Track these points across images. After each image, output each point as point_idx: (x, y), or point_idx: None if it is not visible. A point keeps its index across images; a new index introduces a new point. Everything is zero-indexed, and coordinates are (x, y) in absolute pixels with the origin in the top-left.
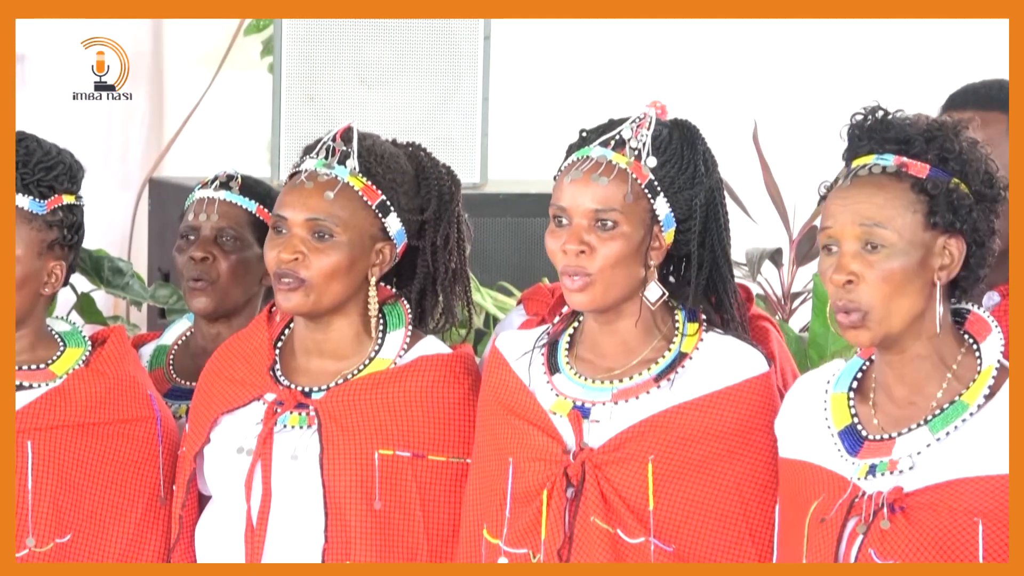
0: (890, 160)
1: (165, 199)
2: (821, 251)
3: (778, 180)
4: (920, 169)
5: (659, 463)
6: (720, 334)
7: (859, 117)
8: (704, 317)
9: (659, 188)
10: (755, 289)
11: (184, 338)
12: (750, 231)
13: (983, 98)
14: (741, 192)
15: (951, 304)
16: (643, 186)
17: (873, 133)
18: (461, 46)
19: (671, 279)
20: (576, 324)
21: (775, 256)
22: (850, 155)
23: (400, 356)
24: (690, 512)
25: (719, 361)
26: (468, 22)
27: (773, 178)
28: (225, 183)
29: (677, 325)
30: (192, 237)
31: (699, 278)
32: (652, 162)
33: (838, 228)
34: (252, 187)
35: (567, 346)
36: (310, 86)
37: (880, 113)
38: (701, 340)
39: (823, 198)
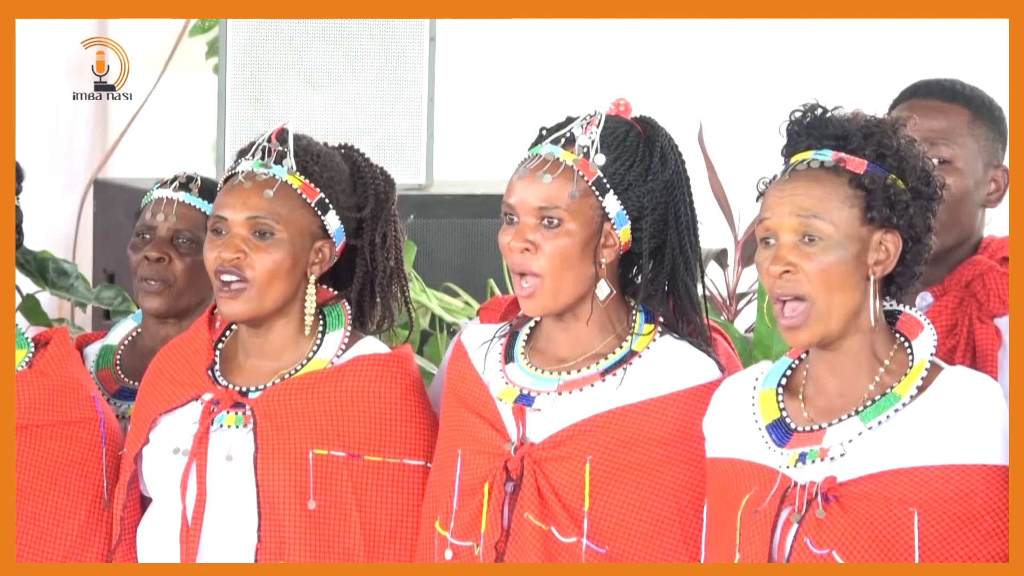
0: (828, 155)
1: (110, 200)
2: (759, 244)
3: (723, 181)
4: (858, 165)
5: (597, 464)
6: (676, 338)
7: (798, 114)
8: (662, 319)
9: (608, 185)
10: (699, 290)
11: (131, 338)
12: None
13: (947, 91)
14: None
15: (884, 305)
16: (590, 183)
17: (812, 129)
18: (406, 47)
19: (637, 280)
20: (537, 318)
21: (720, 257)
22: (789, 151)
23: (337, 356)
24: (625, 515)
25: (668, 365)
26: (413, 23)
27: (718, 179)
28: (184, 184)
29: (633, 324)
30: (148, 236)
31: (655, 278)
32: (601, 159)
33: (776, 220)
34: (211, 190)
35: (526, 337)
36: (255, 87)
37: (819, 110)
38: (654, 341)
39: (761, 194)
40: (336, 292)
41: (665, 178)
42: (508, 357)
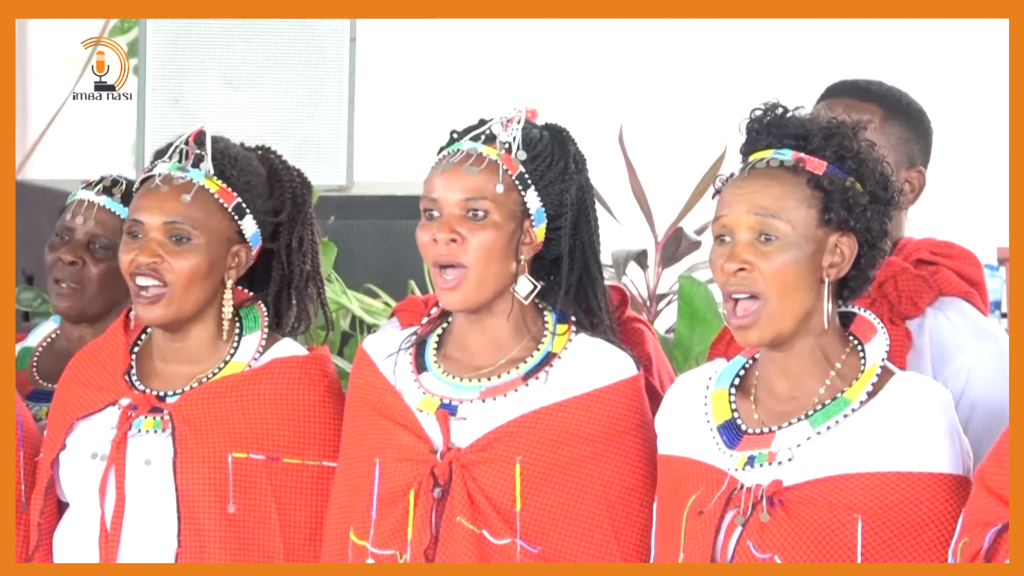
0: (788, 155)
1: (29, 201)
2: (714, 241)
3: (644, 182)
4: (817, 165)
5: (526, 464)
6: (590, 336)
7: (759, 112)
8: (574, 319)
9: (530, 181)
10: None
11: (49, 340)
12: (616, 233)
13: (861, 89)
14: (607, 194)
15: (839, 307)
16: (514, 178)
17: (772, 128)
18: (327, 48)
19: (542, 282)
20: (445, 324)
21: (640, 258)
22: (748, 149)
23: (255, 359)
24: (556, 514)
25: (588, 363)
26: (334, 23)
27: (639, 180)
28: (108, 188)
29: (546, 326)
30: (66, 238)
31: (569, 279)
32: (522, 155)
33: (732, 217)
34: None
35: (435, 345)
36: (175, 88)
37: (779, 109)
38: (570, 341)
39: (718, 191)
40: (252, 294)
41: (580, 180)
42: (420, 366)
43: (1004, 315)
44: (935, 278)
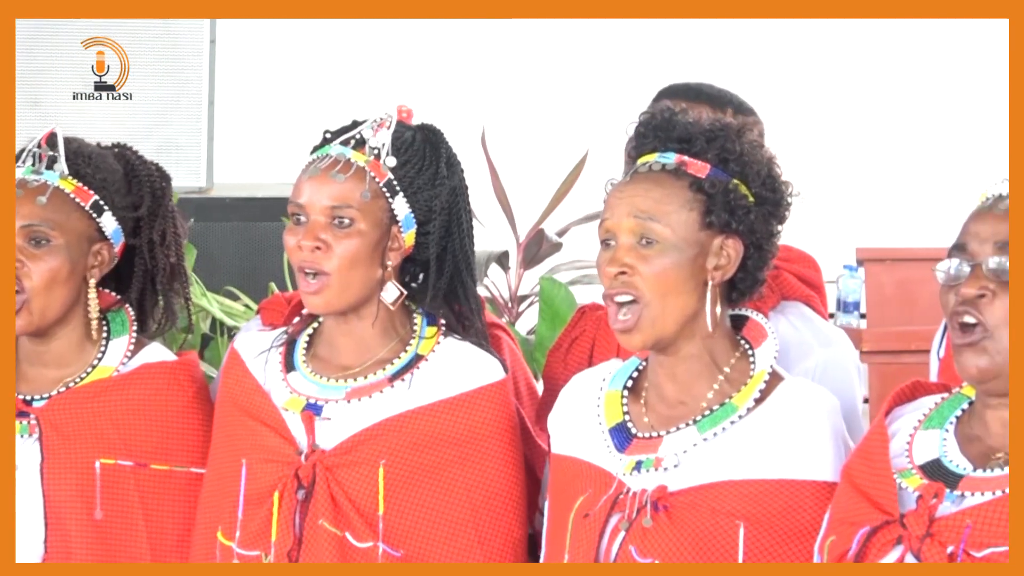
0: (671, 158)
1: None
2: (600, 245)
3: (505, 184)
4: (700, 168)
5: (390, 468)
6: (458, 340)
7: (646, 116)
8: (444, 322)
9: (398, 188)
10: (482, 292)
11: None
12: (477, 234)
13: (692, 91)
14: (469, 195)
15: (731, 309)
16: (381, 185)
17: (658, 131)
18: (186, 49)
19: (413, 285)
20: (316, 324)
21: (502, 259)
22: (635, 153)
23: (123, 364)
24: (420, 518)
25: (455, 366)
26: (193, 24)
27: (501, 182)
28: None
29: (415, 328)
30: None
31: (439, 282)
32: (392, 161)
33: (614, 221)
34: None
35: (305, 345)
36: (34, 91)
37: (667, 112)
38: (438, 344)
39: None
40: (119, 296)
41: (452, 184)
42: (289, 365)
43: (863, 316)
44: (777, 282)
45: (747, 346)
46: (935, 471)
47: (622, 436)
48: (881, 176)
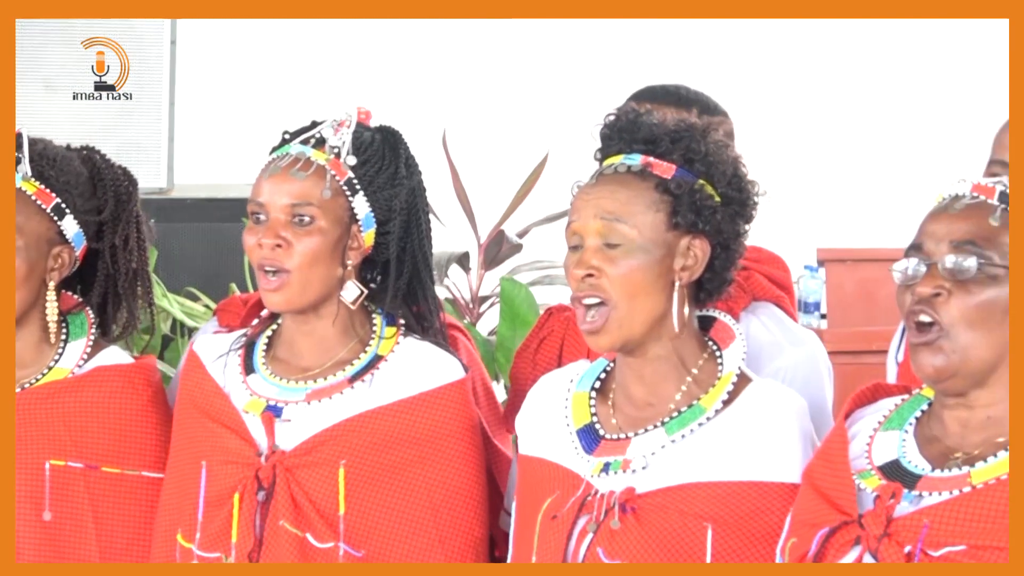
0: (637, 160)
1: None
2: (568, 247)
3: (466, 185)
4: (665, 169)
5: (350, 468)
6: (418, 339)
7: (611, 117)
8: (403, 322)
9: (358, 186)
10: (443, 293)
11: None
12: (439, 235)
13: (658, 93)
14: (430, 196)
15: (698, 310)
16: (342, 183)
17: (623, 133)
18: (147, 50)
19: (372, 285)
20: (275, 326)
21: (463, 260)
22: (601, 155)
23: (79, 366)
24: (380, 518)
25: (415, 366)
26: (154, 24)
27: (462, 183)
28: None
29: (375, 328)
30: None
31: (399, 282)
32: (352, 160)
33: (581, 223)
34: None
35: (265, 347)
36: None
37: (632, 113)
38: (398, 344)
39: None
40: (80, 299)
41: (411, 185)
42: (248, 368)
43: (823, 316)
44: (748, 283)
45: (715, 347)
46: (894, 472)
47: (590, 438)
48: (842, 177)
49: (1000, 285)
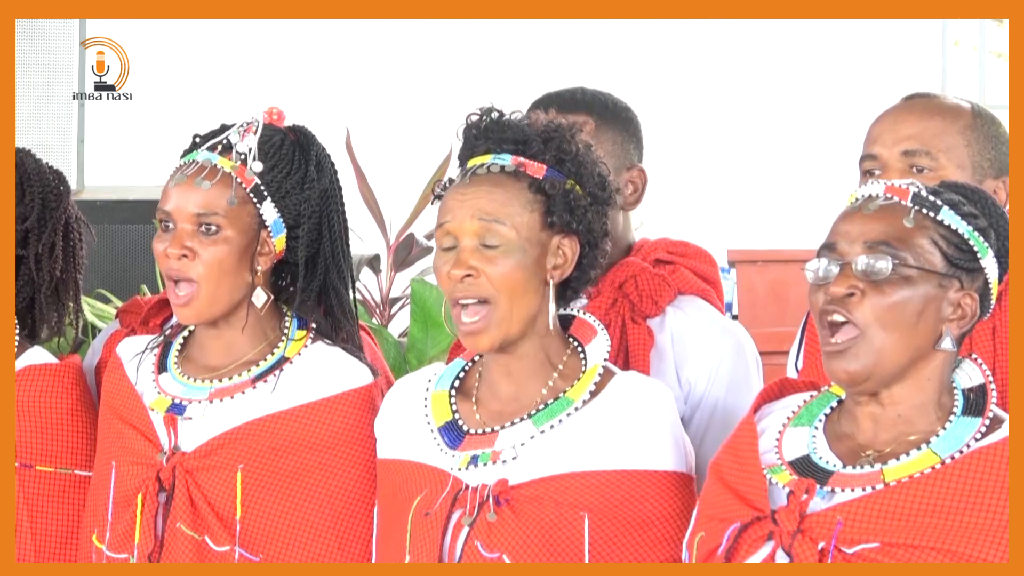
0: (508, 160)
1: None
2: (437, 248)
3: (375, 187)
4: (537, 169)
5: (248, 472)
6: (328, 344)
7: (475, 117)
8: (314, 326)
9: (265, 192)
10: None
11: None
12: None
13: (567, 100)
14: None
15: (562, 308)
16: (248, 190)
17: (490, 133)
18: (56, 49)
19: (291, 288)
20: (192, 327)
21: (373, 262)
22: (466, 155)
23: None
24: (279, 522)
25: (319, 370)
26: (62, 24)
27: (368, 185)
28: None
29: (285, 330)
30: None
31: (309, 286)
32: (258, 167)
33: (456, 223)
34: None
35: (179, 347)
36: None
37: (495, 113)
38: (306, 347)
39: (437, 196)
40: None
41: (322, 187)
42: (162, 367)
43: (734, 317)
44: (673, 277)
45: (576, 343)
46: (804, 468)
47: (453, 434)
48: (751, 179)
49: (913, 286)
